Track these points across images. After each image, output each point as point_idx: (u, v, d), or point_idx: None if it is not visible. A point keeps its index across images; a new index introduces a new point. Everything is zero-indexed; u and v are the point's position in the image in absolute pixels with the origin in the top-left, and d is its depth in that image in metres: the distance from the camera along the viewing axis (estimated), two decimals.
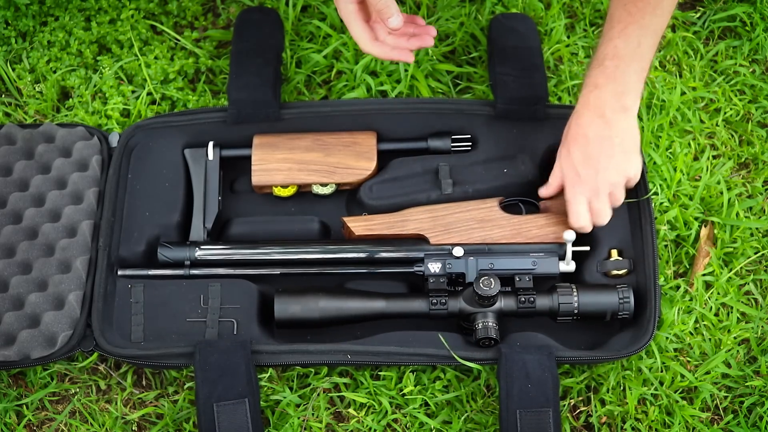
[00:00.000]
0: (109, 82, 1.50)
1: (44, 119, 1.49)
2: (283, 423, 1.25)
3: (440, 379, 1.27)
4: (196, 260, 1.30)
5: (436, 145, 1.39)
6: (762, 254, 1.37)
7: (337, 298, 1.26)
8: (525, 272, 1.29)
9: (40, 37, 1.55)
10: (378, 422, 1.25)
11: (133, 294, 1.29)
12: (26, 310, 1.27)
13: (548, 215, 1.32)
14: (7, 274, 1.30)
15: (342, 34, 1.52)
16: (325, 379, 1.27)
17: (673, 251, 1.36)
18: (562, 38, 1.52)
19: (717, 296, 1.33)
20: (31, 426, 1.27)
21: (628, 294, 1.25)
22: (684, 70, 1.52)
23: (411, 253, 1.30)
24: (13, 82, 1.53)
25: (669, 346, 1.28)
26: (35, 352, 1.24)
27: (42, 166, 1.40)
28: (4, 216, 1.35)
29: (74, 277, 1.29)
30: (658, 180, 1.39)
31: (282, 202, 1.39)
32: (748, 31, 1.56)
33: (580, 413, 1.27)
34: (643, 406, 1.26)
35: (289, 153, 1.36)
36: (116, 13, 1.57)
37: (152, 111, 1.48)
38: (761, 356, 1.30)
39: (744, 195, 1.42)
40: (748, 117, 1.49)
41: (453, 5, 1.55)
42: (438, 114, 1.40)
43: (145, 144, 1.39)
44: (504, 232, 1.31)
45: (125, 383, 1.29)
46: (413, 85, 1.49)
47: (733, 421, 1.27)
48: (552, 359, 1.20)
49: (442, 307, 1.25)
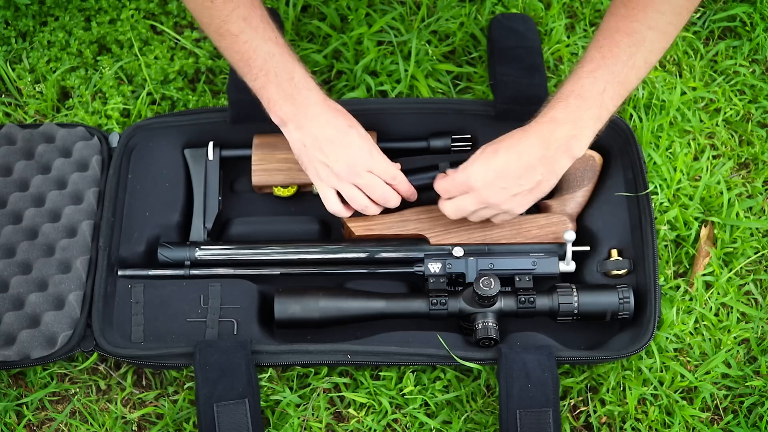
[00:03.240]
0: (109, 82, 1.50)
1: (44, 119, 1.49)
2: (283, 423, 1.25)
3: (440, 379, 1.27)
4: (196, 260, 1.30)
5: (437, 145, 1.39)
6: (762, 254, 1.37)
7: (337, 298, 1.26)
8: (525, 272, 1.29)
9: (40, 37, 1.55)
10: (378, 422, 1.25)
11: (133, 294, 1.29)
12: (26, 310, 1.27)
13: (548, 215, 1.32)
14: (7, 274, 1.30)
15: (342, 34, 1.53)
16: (325, 379, 1.27)
17: (673, 251, 1.36)
18: (562, 38, 1.53)
19: (717, 296, 1.33)
20: (31, 426, 1.27)
21: (628, 294, 1.25)
22: (684, 70, 1.52)
23: (411, 253, 1.30)
24: (13, 82, 1.53)
25: (669, 346, 1.28)
26: (35, 352, 1.24)
27: (42, 166, 1.40)
28: (4, 216, 1.35)
29: (74, 277, 1.29)
30: (658, 180, 1.39)
31: (282, 202, 1.39)
32: (748, 31, 1.56)
33: (580, 413, 1.27)
34: (643, 406, 1.26)
35: (289, 153, 1.36)
36: (116, 13, 1.57)
37: (152, 111, 1.49)
38: (761, 356, 1.30)
39: (744, 195, 1.42)
40: (748, 117, 1.49)
41: (453, 5, 1.55)
42: (438, 114, 1.40)
43: (145, 144, 1.39)
44: (504, 232, 1.31)
45: (125, 383, 1.29)
46: (413, 85, 1.49)
47: (733, 421, 1.27)
48: (552, 359, 1.20)
49: (442, 308, 1.25)
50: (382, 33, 1.53)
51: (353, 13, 1.53)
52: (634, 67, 1.16)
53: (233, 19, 1.17)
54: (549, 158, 1.17)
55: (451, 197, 1.23)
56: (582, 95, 1.16)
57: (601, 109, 1.16)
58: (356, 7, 1.54)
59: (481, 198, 1.20)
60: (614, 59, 1.15)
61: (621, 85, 1.16)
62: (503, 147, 1.18)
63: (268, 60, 1.20)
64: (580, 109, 1.15)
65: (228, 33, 1.18)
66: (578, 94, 1.16)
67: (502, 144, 1.19)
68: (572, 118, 1.16)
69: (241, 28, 1.18)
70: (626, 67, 1.15)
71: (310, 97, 1.22)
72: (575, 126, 1.16)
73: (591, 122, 1.16)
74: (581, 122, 1.16)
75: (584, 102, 1.15)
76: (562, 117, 1.16)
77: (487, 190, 1.19)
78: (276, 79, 1.20)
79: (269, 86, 1.21)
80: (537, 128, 1.17)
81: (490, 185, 1.18)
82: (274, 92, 1.21)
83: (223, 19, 1.17)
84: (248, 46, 1.19)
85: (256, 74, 1.21)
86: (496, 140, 1.21)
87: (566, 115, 1.16)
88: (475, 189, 1.19)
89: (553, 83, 1.48)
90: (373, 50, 1.50)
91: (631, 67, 1.16)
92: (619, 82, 1.16)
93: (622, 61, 1.15)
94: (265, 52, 1.20)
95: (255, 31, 1.19)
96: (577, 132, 1.16)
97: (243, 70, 1.22)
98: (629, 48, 1.15)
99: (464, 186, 1.20)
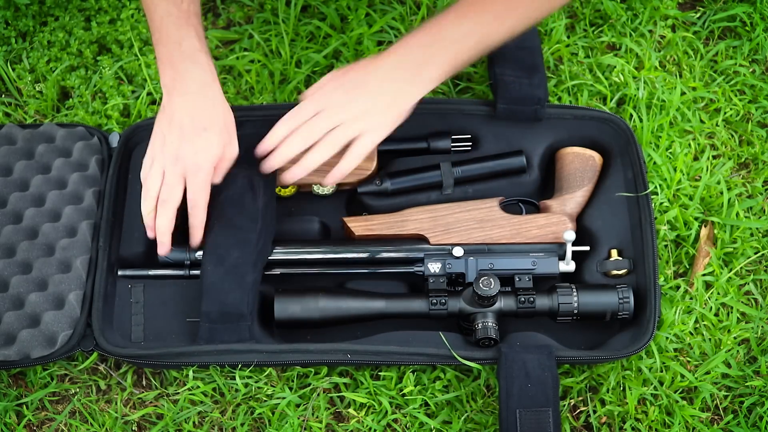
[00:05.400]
0: (109, 82, 1.50)
1: (44, 119, 1.49)
2: (283, 423, 1.25)
3: (440, 379, 1.27)
4: (196, 260, 1.30)
5: (437, 145, 1.39)
6: (762, 254, 1.37)
7: (337, 298, 1.26)
8: (525, 272, 1.29)
9: (40, 37, 1.55)
10: (378, 422, 1.25)
11: (133, 294, 1.29)
12: (26, 310, 1.27)
13: (548, 215, 1.32)
14: (7, 274, 1.30)
15: (342, 34, 1.53)
16: (325, 379, 1.27)
17: (673, 251, 1.36)
18: (562, 38, 1.52)
19: (717, 296, 1.33)
20: (31, 426, 1.27)
21: (628, 294, 1.25)
22: (684, 70, 1.52)
23: (411, 253, 1.30)
24: (13, 82, 1.53)
25: (669, 346, 1.28)
26: (35, 352, 1.24)
27: (42, 166, 1.40)
28: (4, 216, 1.35)
29: (74, 277, 1.29)
30: (658, 180, 1.39)
31: (282, 202, 1.38)
32: (748, 31, 1.56)
33: (580, 413, 1.27)
34: (643, 406, 1.26)
35: None
36: (116, 13, 1.57)
37: (152, 111, 1.48)
38: (761, 356, 1.30)
39: (744, 195, 1.42)
40: (748, 117, 1.49)
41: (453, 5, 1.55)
42: (438, 114, 1.40)
43: (145, 144, 1.38)
44: (504, 232, 1.31)
45: (125, 383, 1.29)
46: None
47: (733, 421, 1.27)
48: (552, 359, 1.20)
49: (442, 307, 1.25)
50: (382, 33, 1.53)
51: (353, 13, 1.53)
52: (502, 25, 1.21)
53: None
54: (398, 79, 1.21)
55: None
56: (441, 34, 1.21)
57: (457, 52, 1.21)
58: (356, 7, 1.54)
59: (320, 100, 1.21)
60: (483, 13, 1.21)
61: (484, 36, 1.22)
62: (355, 65, 1.22)
63: (165, 18, 1.20)
64: (436, 44, 1.21)
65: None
66: (437, 31, 1.21)
67: (356, 63, 1.23)
68: (428, 50, 1.21)
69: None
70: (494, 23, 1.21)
71: (192, 70, 1.20)
72: (428, 54, 1.21)
73: (445, 57, 1.21)
74: (435, 55, 1.21)
75: (443, 41, 1.21)
76: (416, 44, 1.22)
77: (328, 93, 1.21)
78: (167, 40, 1.20)
79: (159, 46, 1.21)
80: (389, 51, 1.22)
81: (332, 89, 1.21)
82: (162, 53, 1.21)
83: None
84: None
85: (153, 30, 1.21)
86: (349, 66, 1.24)
87: (422, 44, 1.22)
88: (314, 93, 1.22)
89: (553, 83, 1.48)
90: (373, 50, 1.49)
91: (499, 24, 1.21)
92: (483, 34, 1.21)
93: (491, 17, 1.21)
94: (163, 9, 1.19)
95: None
96: (428, 59, 1.21)
97: (148, 20, 1.22)
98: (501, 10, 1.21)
99: (303, 97, 1.23)
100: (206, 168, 1.22)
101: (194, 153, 1.21)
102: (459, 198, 1.35)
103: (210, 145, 1.22)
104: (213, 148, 1.22)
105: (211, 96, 1.22)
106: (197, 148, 1.21)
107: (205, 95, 1.22)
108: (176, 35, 1.20)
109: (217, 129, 1.22)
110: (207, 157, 1.22)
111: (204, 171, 1.22)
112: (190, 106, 1.21)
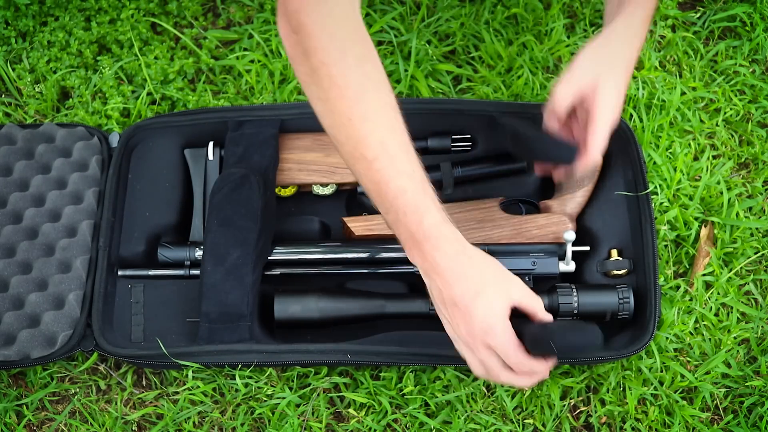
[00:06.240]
0: (109, 82, 1.50)
1: (44, 119, 1.49)
2: (282, 423, 1.25)
3: (440, 379, 1.27)
4: (196, 260, 1.30)
5: (436, 145, 1.39)
6: (762, 254, 1.37)
7: (337, 298, 1.25)
8: (525, 272, 1.29)
9: (40, 37, 1.56)
10: (378, 422, 1.25)
11: (133, 294, 1.29)
12: (26, 310, 1.28)
13: (548, 215, 1.32)
14: (7, 274, 1.30)
15: None
16: (325, 379, 1.27)
17: (673, 251, 1.36)
18: (562, 38, 1.52)
19: (717, 296, 1.33)
20: (31, 426, 1.27)
21: (628, 294, 1.25)
22: (684, 70, 1.52)
23: None
24: (13, 82, 1.53)
25: (669, 346, 1.28)
26: (35, 352, 1.24)
27: (42, 166, 1.40)
28: (4, 216, 1.35)
29: (74, 277, 1.29)
30: (658, 180, 1.39)
31: (282, 202, 1.38)
32: (748, 31, 1.56)
33: (580, 413, 1.27)
34: (643, 406, 1.26)
35: (288, 153, 1.36)
36: (116, 13, 1.57)
37: (152, 111, 1.49)
38: (761, 356, 1.30)
39: (744, 195, 1.42)
40: (748, 117, 1.49)
41: (453, 5, 1.55)
42: (438, 114, 1.40)
43: (145, 144, 1.39)
44: (504, 232, 1.31)
45: (125, 383, 1.29)
46: (413, 85, 1.49)
47: (733, 421, 1.27)
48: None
49: None
50: (382, 33, 1.53)
51: None
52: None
53: (370, 142, 1.06)
54: None
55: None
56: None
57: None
58: None
59: None
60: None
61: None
62: None
63: (399, 196, 1.07)
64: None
65: (362, 157, 1.07)
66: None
67: None
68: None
69: (376, 154, 1.06)
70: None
71: (439, 247, 1.09)
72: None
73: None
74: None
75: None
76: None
77: None
78: (404, 218, 1.08)
79: (399, 225, 1.10)
80: None
81: None
82: (403, 233, 1.10)
83: (359, 140, 1.07)
84: (381, 175, 1.07)
85: (387, 208, 1.09)
86: None
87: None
88: None
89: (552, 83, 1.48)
90: None
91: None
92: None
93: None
94: (397, 186, 1.07)
95: (391, 159, 1.07)
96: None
97: (376, 199, 1.10)
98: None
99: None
100: (500, 325, 1.10)
101: (481, 321, 1.10)
102: (459, 198, 1.35)
103: (489, 303, 1.10)
104: (494, 305, 1.10)
105: (464, 261, 1.10)
106: (480, 316, 1.10)
107: (461, 263, 1.10)
108: (415, 213, 1.08)
109: (488, 285, 1.11)
110: (494, 317, 1.10)
111: (499, 328, 1.10)
112: (452, 279, 1.10)
